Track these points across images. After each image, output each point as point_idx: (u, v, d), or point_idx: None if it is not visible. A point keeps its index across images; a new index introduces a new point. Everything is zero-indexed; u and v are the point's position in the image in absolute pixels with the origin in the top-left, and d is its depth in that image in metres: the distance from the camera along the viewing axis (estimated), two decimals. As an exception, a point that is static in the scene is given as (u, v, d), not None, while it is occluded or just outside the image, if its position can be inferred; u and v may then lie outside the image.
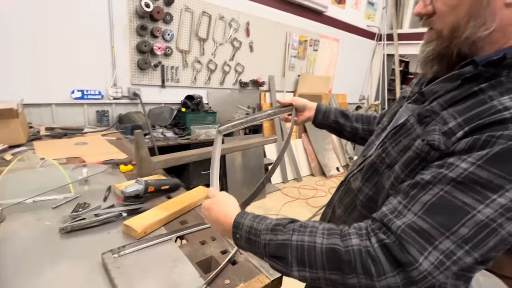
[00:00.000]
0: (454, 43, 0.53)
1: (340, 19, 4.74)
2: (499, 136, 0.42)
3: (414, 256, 0.43)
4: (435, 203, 0.45)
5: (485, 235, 0.42)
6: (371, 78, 5.90)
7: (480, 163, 0.43)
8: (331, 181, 4.19)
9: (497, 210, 0.41)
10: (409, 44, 5.37)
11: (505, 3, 0.47)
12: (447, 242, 0.43)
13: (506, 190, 0.41)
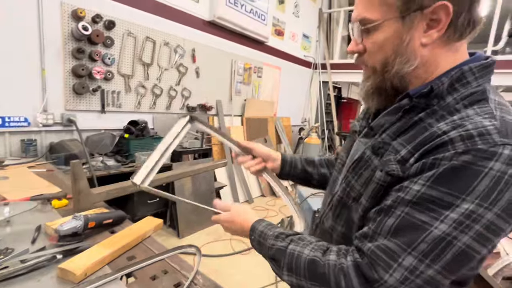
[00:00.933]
0: (387, 78, 0.58)
1: (280, 49, 5.15)
2: (442, 158, 0.47)
3: (380, 274, 0.48)
4: (398, 224, 0.49)
5: (442, 248, 0.46)
6: (310, 102, 6.43)
7: (429, 184, 0.47)
8: (281, 200, 4.31)
9: (451, 225, 0.45)
10: (340, 72, 6.08)
11: (421, 43, 0.53)
12: (410, 258, 0.47)
13: (457, 206, 0.45)
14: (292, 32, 5.41)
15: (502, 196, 0.44)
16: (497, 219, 0.45)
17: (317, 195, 2.57)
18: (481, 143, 0.45)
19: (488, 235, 0.45)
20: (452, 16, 0.50)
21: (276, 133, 5.21)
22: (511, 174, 0.44)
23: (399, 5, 0.52)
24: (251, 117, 4.59)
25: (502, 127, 0.47)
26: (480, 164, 0.45)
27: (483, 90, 0.52)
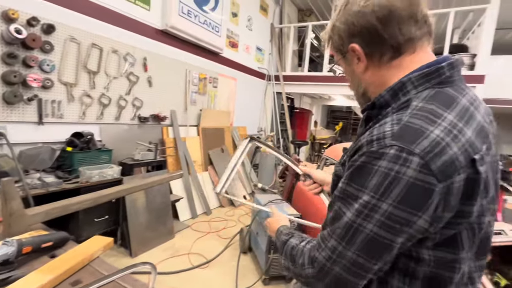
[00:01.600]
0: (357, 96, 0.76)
1: (235, 61, 5.25)
2: (355, 159, 0.57)
3: (316, 253, 0.61)
4: (332, 215, 0.61)
5: (352, 233, 0.55)
6: (265, 112, 6.63)
7: (346, 181, 0.58)
8: (240, 209, 4.30)
9: (354, 213, 0.55)
10: (292, 84, 6.40)
11: (359, 72, 0.68)
12: (332, 241, 0.58)
13: (359, 197, 0.54)
14: (246, 44, 5.56)
15: (392, 189, 0.50)
16: (395, 209, 0.51)
17: (274, 202, 2.64)
18: (376, 146, 0.54)
19: (392, 224, 0.51)
20: (364, 50, 0.64)
21: (233, 143, 5.24)
22: (397, 171, 0.50)
23: (339, 51, 0.71)
24: (207, 127, 4.55)
25: (399, 131, 0.53)
26: (373, 163, 0.53)
27: (409, 99, 0.58)
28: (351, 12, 0.63)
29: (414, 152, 0.50)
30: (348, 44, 0.65)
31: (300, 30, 7.51)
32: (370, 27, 0.61)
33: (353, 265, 0.56)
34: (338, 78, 5.87)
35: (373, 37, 0.61)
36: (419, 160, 0.49)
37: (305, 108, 8.78)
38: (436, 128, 0.52)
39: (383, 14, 0.59)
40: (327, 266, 0.58)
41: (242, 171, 5.26)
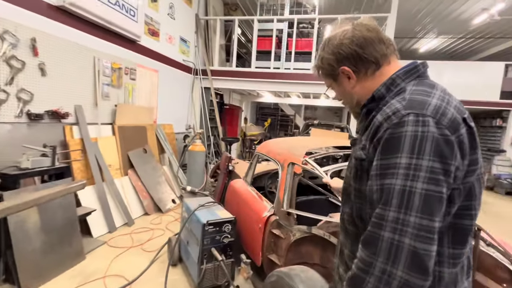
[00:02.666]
0: (352, 108, 0.92)
1: (157, 51, 4.74)
2: (379, 137, 0.68)
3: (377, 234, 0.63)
4: (378, 194, 0.66)
5: (407, 197, 0.61)
6: (193, 108, 6.26)
7: (379, 157, 0.67)
8: (168, 216, 3.90)
9: (401, 178, 0.62)
10: (220, 79, 6.19)
11: (351, 88, 0.86)
12: (391, 213, 0.62)
13: (399, 163, 0.63)
14: (169, 34, 5.09)
15: (425, 146, 0.61)
16: (434, 162, 0.61)
17: (206, 205, 2.41)
18: (395, 118, 0.67)
19: (436, 177, 0.61)
20: (352, 68, 0.83)
21: (158, 142, 4.74)
22: (421, 131, 0.62)
23: (331, 76, 0.89)
24: (126, 125, 3.97)
25: (408, 104, 0.68)
26: (399, 131, 0.64)
27: (403, 87, 0.76)
28: (336, 44, 0.83)
29: (427, 114, 0.64)
30: (338, 68, 0.84)
31: (226, 24, 7.34)
32: (353, 52, 0.81)
33: (420, 229, 0.59)
34: (267, 74, 5.99)
35: (357, 58, 0.81)
36: (432, 119, 0.63)
37: (235, 104, 8.71)
38: (433, 99, 0.68)
39: (360, 41, 0.80)
40: (396, 240, 0.60)
41: (169, 172, 4.82)
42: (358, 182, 0.78)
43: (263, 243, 2.10)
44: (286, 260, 1.93)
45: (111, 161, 3.62)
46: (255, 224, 2.18)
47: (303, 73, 5.85)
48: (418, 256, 0.58)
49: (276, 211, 2.07)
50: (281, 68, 6.06)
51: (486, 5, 6.53)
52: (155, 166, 4.37)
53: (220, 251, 2.18)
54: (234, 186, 2.72)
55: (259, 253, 2.12)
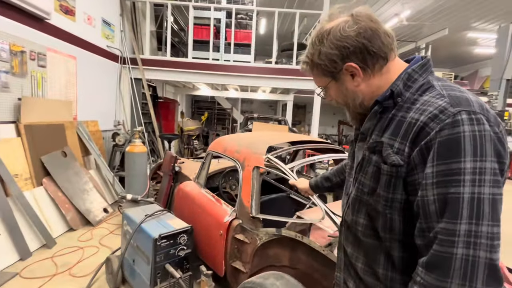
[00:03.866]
0: (352, 109, 0.81)
1: (73, 33, 3.94)
2: (429, 140, 0.60)
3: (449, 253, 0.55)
4: (438, 206, 0.58)
5: (477, 205, 0.54)
6: (123, 102, 5.52)
7: (435, 163, 0.59)
8: (101, 229, 3.34)
9: (469, 185, 0.55)
10: (153, 69, 5.58)
11: (355, 86, 0.76)
12: (462, 226, 0.54)
13: (464, 168, 0.56)
14: (87, 14, 4.29)
15: (485, 146, 0.56)
16: (494, 163, 0.56)
17: (155, 215, 2.10)
18: (445, 117, 0.59)
19: (498, 178, 0.56)
20: (359, 65, 0.72)
21: (81, 142, 4.00)
22: (479, 130, 0.57)
23: (329, 74, 0.78)
24: (35, 123, 3.20)
25: (452, 101, 0.62)
26: (455, 132, 0.58)
27: (428, 81, 0.70)
28: (339, 37, 0.72)
29: (477, 112, 0.59)
30: (342, 64, 0.74)
31: (156, 9, 6.65)
32: (361, 46, 0.71)
33: (492, 238, 0.54)
34: (206, 65, 5.65)
35: (365, 52, 0.71)
36: (483, 117, 0.58)
37: (169, 97, 8.07)
38: (468, 95, 0.64)
39: (368, 35, 0.71)
40: (471, 255, 0.53)
41: (98, 177, 4.14)
42: (391, 191, 0.67)
43: (225, 250, 1.92)
44: (252, 266, 1.81)
45: (17, 169, 2.87)
46: (215, 231, 1.98)
47: (243, 65, 5.74)
48: (494, 267, 0.53)
49: (239, 214, 1.91)
50: (220, 60, 5.82)
51: (397, 11, 7.51)
52: (78, 171, 3.68)
53: (175, 266, 1.92)
54: (185, 190, 2.45)
55: (222, 262, 1.94)
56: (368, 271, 0.75)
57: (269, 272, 1.57)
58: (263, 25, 9.46)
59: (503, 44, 6.34)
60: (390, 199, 0.68)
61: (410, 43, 10.24)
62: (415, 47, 10.09)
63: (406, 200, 0.66)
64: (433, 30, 8.75)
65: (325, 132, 13.97)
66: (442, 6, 7.09)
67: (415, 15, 7.69)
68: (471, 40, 9.39)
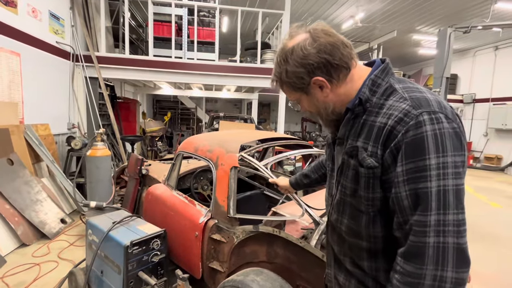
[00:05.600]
0: (325, 117, 0.86)
1: (15, 27, 3.54)
2: (397, 141, 0.66)
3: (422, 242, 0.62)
4: (410, 201, 0.64)
5: (443, 197, 0.61)
6: (77, 103, 5.10)
7: (404, 162, 0.65)
8: (59, 241, 3.06)
9: (434, 179, 0.62)
10: (110, 68, 5.24)
11: (324, 97, 0.80)
12: (433, 217, 0.61)
13: (429, 164, 0.62)
14: (32, 5, 3.88)
15: (445, 142, 0.63)
16: (455, 157, 0.63)
17: (124, 221, 1.99)
18: (409, 120, 0.65)
19: (459, 170, 0.63)
20: (325, 77, 0.77)
21: (30, 148, 3.62)
22: (439, 128, 0.63)
23: (300, 89, 0.82)
24: (-27, 129, 2.82)
25: (414, 103, 0.67)
26: (418, 132, 0.64)
27: (390, 84, 0.76)
28: (302, 55, 0.76)
29: (436, 111, 0.65)
30: (309, 79, 0.78)
31: (112, 3, 6.24)
32: (324, 61, 0.75)
33: (458, 225, 0.61)
34: (168, 64, 5.45)
35: (328, 66, 0.76)
36: (442, 115, 0.65)
37: (129, 97, 7.65)
38: (427, 94, 0.70)
39: (328, 49, 0.75)
40: (441, 242, 0.60)
41: (52, 185, 3.79)
42: (371, 191, 0.73)
43: (202, 252, 1.89)
44: (230, 265, 1.80)
45: None
46: (190, 233, 1.94)
47: (207, 64, 5.65)
48: (462, 251, 0.60)
49: (214, 214, 1.89)
50: (183, 58, 5.65)
51: (352, 13, 7.96)
52: (29, 180, 3.33)
53: (149, 273, 1.84)
54: (155, 193, 2.35)
55: (198, 264, 1.91)
56: (356, 266, 0.80)
57: (249, 269, 1.59)
58: (226, 24, 9.39)
59: (443, 45, 7.08)
60: (371, 199, 0.73)
61: (364, 44, 10.93)
62: (368, 47, 10.79)
63: (384, 196, 0.72)
64: (383, 32, 9.45)
65: (289, 129, 14.33)
66: (390, 10, 7.68)
67: (368, 18, 8.23)
68: (416, 41, 10.32)
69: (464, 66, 11.05)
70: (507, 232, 4.02)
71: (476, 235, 3.79)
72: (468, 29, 6.08)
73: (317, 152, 2.39)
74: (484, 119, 10.25)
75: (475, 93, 10.60)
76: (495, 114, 9.60)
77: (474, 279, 2.08)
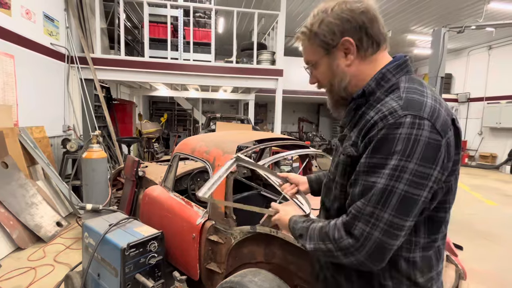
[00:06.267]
0: (336, 92, 0.83)
1: (9, 29, 3.51)
2: (372, 136, 0.67)
3: (354, 222, 0.68)
4: (361, 189, 0.68)
5: (387, 196, 0.64)
6: (72, 105, 5.06)
7: (369, 155, 0.67)
8: (55, 244, 3.03)
9: (387, 178, 0.64)
10: (105, 69, 5.22)
11: (346, 65, 0.78)
12: (368, 208, 0.66)
13: (387, 164, 0.64)
14: (25, 7, 3.85)
15: (415, 149, 0.62)
16: (419, 167, 0.62)
17: (121, 223, 1.98)
18: (391, 119, 0.65)
19: (419, 180, 0.63)
20: (355, 43, 0.75)
21: (25, 151, 3.59)
22: (416, 134, 0.62)
23: (322, 48, 0.79)
24: (-33, 132, 2.79)
25: (404, 104, 0.67)
26: (394, 132, 0.64)
27: (397, 82, 0.74)
28: (344, 10, 0.74)
29: (424, 117, 0.64)
30: (340, 38, 0.75)
31: (106, 5, 6.21)
32: (362, 25, 0.74)
33: (391, 226, 0.64)
34: (165, 65, 5.42)
35: (363, 33, 0.74)
36: (428, 123, 0.63)
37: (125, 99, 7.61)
38: (428, 99, 0.68)
39: (371, 16, 0.74)
40: (366, 231, 0.65)
41: (47, 188, 3.76)
42: (346, 178, 0.76)
43: (199, 253, 1.89)
44: (227, 266, 1.80)
45: None
46: (187, 234, 1.94)
47: (204, 65, 5.64)
48: (382, 248, 0.65)
49: (211, 215, 1.89)
50: (179, 59, 5.64)
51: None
52: (24, 183, 3.30)
53: (146, 275, 1.83)
54: (152, 195, 2.34)
55: (196, 265, 1.90)
56: None
57: (246, 270, 1.59)
58: (221, 25, 9.39)
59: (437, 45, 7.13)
60: (344, 186, 0.77)
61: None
62: (364, 48, 10.85)
63: None
64: (379, 32, 9.51)
65: (286, 130, 14.36)
66: (385, 10, 7.74)
67: (363, 18, 8.28)
68: (411, 41, 10.40)
69: (459, 65, 11.17)
70: (503, 229, 4.06)
71: (472, 233, 3.82)
72: (461, 29, 6.13)
73: (313, 152, 2.39)
74: (478, 117, 10.36)
75: (469, 92, 10.71)
76: (489, 112, 9.71)
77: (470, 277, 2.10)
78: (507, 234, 3.87)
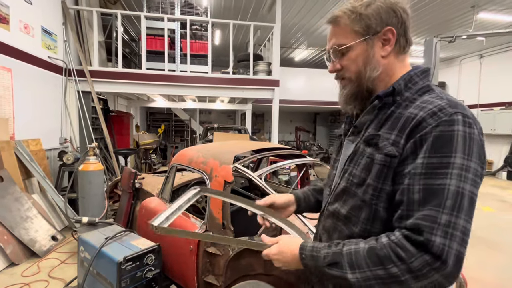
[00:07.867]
0: (362, 83, 0.78)
1: (7, 43, 3.55)
2: (425, 133, 0.64)
3: (427, 236, 0.57)
4: (423, 195, 0.61)
5: (461, 198, 0.59)
6: (69, 117, 5.06)
7: (427, 155, 0.62)
8: (50, 259, 2.97)
9: (456, 179, 0.59)
10: (103, 81, 5.25)
11: (381, 56, 0.76)
12: (445, 216, 0.58)
13: (454, 162, 0.60)
14: (24, 22, 3.90)
15: (472, 147, 0.62)
16: (476, 165, 0.62)
17: (117, 236, 1.95)
18: (443, 115, 0.63)
19: (477, 179, 0.62)
20: (396, 36, 0.74)
21: (21, 164, 3.56)
22: (469, 132, 0.62)
23: (362, 32, 0.75)
24: (-38, 146, 2.77)
25: (450, 103, 0.66)
26: (450, 129, 0.62)
27: (428, 85, 0.75)
28: (393, 3, 0.74)
29: (469, 116, 0.64)
30: (384, 26, 0.73)
31: (105, 18, 6.31)
32: (403, 21, 0.74)
33: (464, 233, 0.59)
34: (162, 77, 5.47)
35: (403, 29, 0.75)
36: (473, 122, 0.64)
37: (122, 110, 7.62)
38: (462, 103, 0.68)
39: (408, 18, 0.75)
40: (447, 245, 0.57)
41: (43, 201, 3.71)
42: (381, 181, 0.69)
43: (197, 266, 1.86)
44: (226, 278, 1.77)
45: None
46: (185, 247, 1.91)
47: (200, 76, 5.70)
48: (460, 261, 0.57)
49: (209, 227, 1.87)
50: (176, 71, 5.70)
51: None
52: (19, 196, 3.26)
53: (143, 289, 1.80)
54: (149, 207, 2.32)
55: (194, 278, 1.87)
56: None
57: (245, 282, 1.57)
58: (218, 37, 9.54)
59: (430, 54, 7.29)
60: (378, 189, 0.69)
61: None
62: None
63: (392, 191, 0.68)
64: (373, 42, 9.69)
65: (283, 139, 14.40)
66: (379, 21, 7.91)
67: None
68: (404, 51, 10.58)
69: (451, 74, 11.37)
70: (502, 237, 4.05)
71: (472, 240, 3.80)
72: (453, 38, 6.27)
73: (311, 161, 2.40)
74: (473, 125, 10.47)
75: (463, 100, 10.85)
76: (483, 119, 9.82)
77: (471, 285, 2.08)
78: (507, 241, 3.86)
